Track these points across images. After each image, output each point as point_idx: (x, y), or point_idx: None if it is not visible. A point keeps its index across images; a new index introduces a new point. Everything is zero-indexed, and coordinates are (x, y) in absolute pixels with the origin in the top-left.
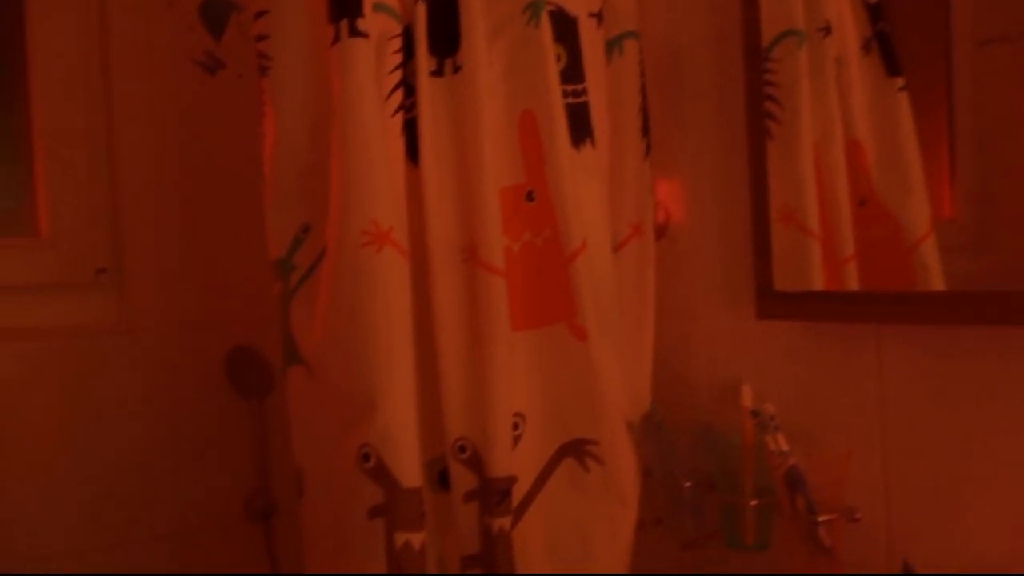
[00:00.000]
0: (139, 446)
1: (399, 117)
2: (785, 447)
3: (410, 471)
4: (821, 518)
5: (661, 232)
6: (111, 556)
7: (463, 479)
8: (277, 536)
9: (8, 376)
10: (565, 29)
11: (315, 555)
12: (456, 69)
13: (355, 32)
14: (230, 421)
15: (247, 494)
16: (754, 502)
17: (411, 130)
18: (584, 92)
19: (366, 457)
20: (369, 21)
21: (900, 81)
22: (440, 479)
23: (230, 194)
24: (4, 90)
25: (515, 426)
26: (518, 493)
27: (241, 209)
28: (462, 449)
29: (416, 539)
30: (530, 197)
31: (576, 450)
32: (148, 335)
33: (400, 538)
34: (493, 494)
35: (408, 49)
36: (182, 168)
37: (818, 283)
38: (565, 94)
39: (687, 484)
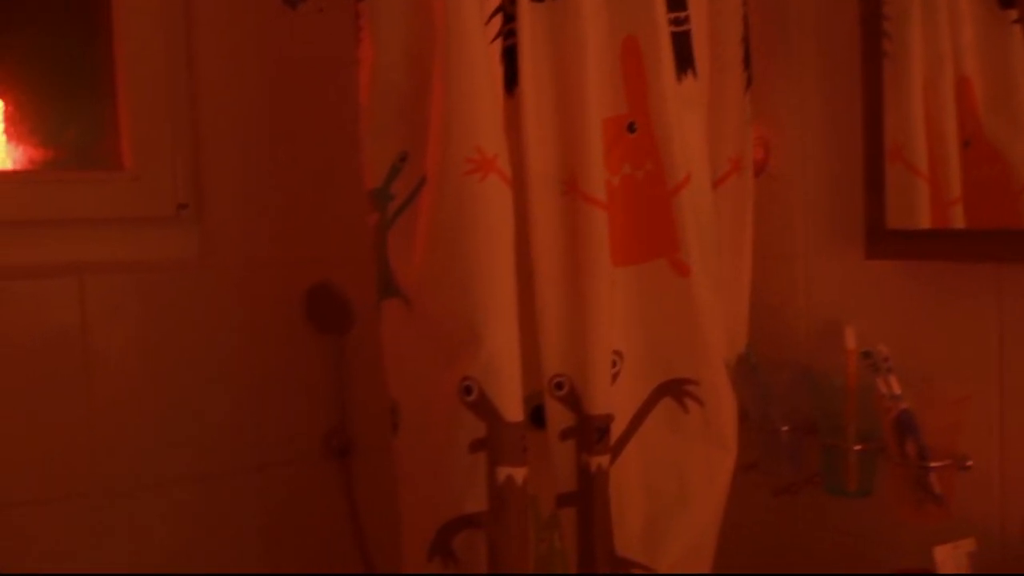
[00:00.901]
0: (220, 381)
1: (497, 44)
2: (897, 390)
3: (513, 405)
4: (933, 464)
5: (760, 168)
6: (193, 487)
7: (559, 416)
8: (354, 473)
9: (94, 309)
10: None
11: (410, 489)
12: None
13: None
14: (309, 358)
15: (325, 431)
16: (858, 447)
17: (509, 58)
18: (687, 20)
19: (468, 390)
20: None
21: (1014, 14)
22: (534, 416)
23: (312, 129)
24: (86, 24)
25: (612, 363)
26: (614, 432)
27: (323, 144)
28: (559, 386)
29: (519, 474)
30: (631, 128)
31: (675, 390)
32: (229, 271)
33: (502, 473)
34: (591, 432)
35: None
36: (264, 103)
37: (926, 225)
38: (668, 22)
39: (784, 428)
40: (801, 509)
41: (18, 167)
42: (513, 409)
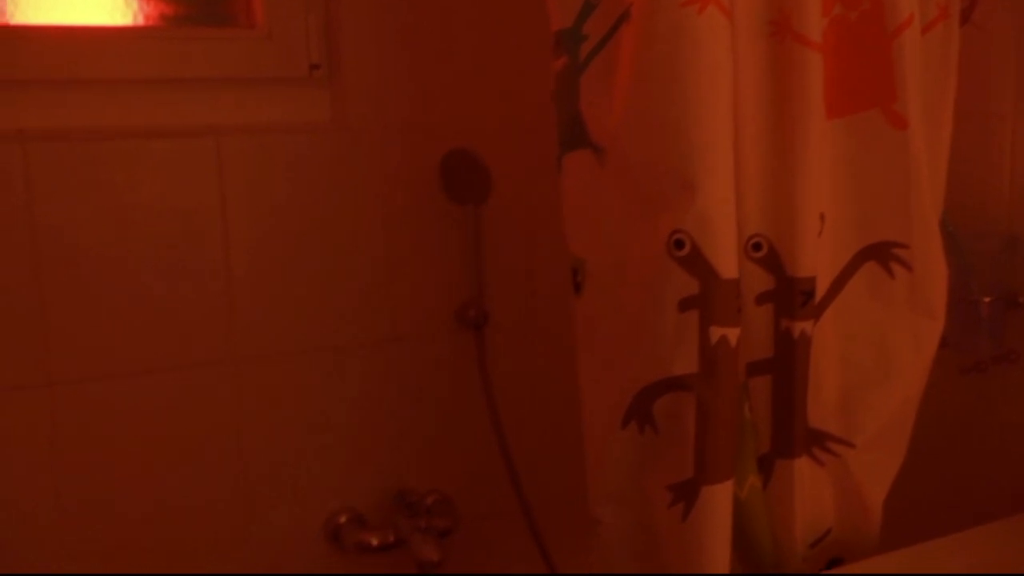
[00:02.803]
0: (354, 249)
1: None
2: None
3: (729, 260)
4: None
5: (965, 17)
6: (328, 357)
7: (757, 279)
8: (489, 346)
9: (230, 171)
10: None
11: (599, 352)
12: None
13: None
14: (445, 228)
15: (460, 303)
16: None
17: None
18: None
19: (679, 244)
20: None
21: None
22: None
23: None
24: None
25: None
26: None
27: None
28: (757, 247)
29: (732, 335)
30: None
31: (881, 254)
32: (362, 135)
33: (716, 333)
34: (796, 295)
35: None
36: None
37: None
38: None
39: (986, 299)
40: (991, 389)
41: (148, 23)
42: (728, 264)
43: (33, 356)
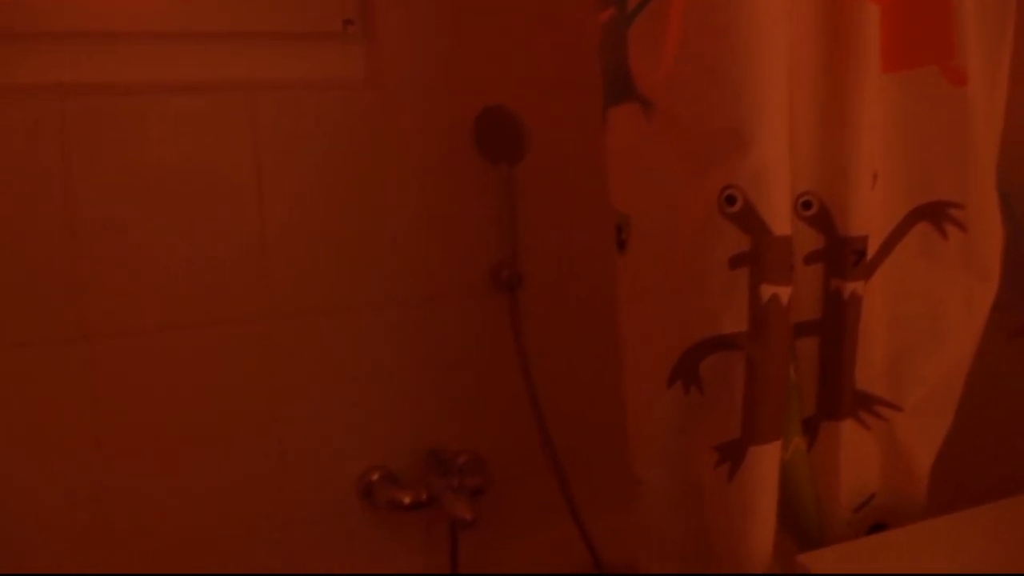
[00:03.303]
0: (387, 208)
1: None
2: None
3: (782, 216)
4: None
5: None
6: (361, 314)
7: (806, 238)
8: (522, 307)
9: (265, 127)
10: None
11: (643, 310)
12: None
13: None
14: (479, 187)
15: (494, 264)
16: None
17: None
18: None
19: (730, 200)
20: None
21: None
22: None
23: None
24: None
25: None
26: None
27: None
28: (807, 205)
29: (784, 293)
30: None
31: (934, 213)
32: (396, 92)
33: (767, 291)
34: (847, 254)
35: None
36: None
37: None
38: None
39: None
40: None
41: None
42: (781, 220)
43: (69, 310)
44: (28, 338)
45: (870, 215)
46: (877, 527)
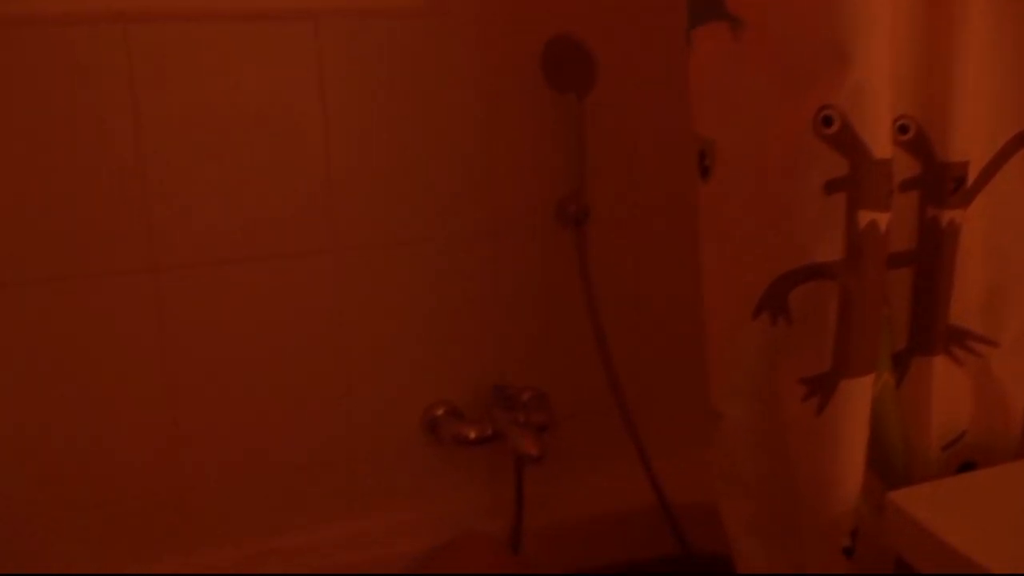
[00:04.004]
0: (452, 141)
1: None
2: None
3: (882, 138)
4: None
5: None
6: (424, 249)
7: (902, 164)
8: (589, 242)
9: (330, 57)
10: None
11: (728, 239)
12: None
13: None
14: (546, 119)
15: (561, 198)
16: None
17: None
18: None
19: (827, 121)
20: None
21: None
22: None
23: None
24: None
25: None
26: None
27: None
28: (903, 129)
29: (883, 220)
30: None
31: None
32: (461, 20)
33: (864, 217)
34: (946, 181)
35: None
36: None
37: None
38: None
39: None
40: None
41: None
42: (882, 143)
43: (138, 242)
44: (97, 269)
45: (971, 140)
46: (966, 466)
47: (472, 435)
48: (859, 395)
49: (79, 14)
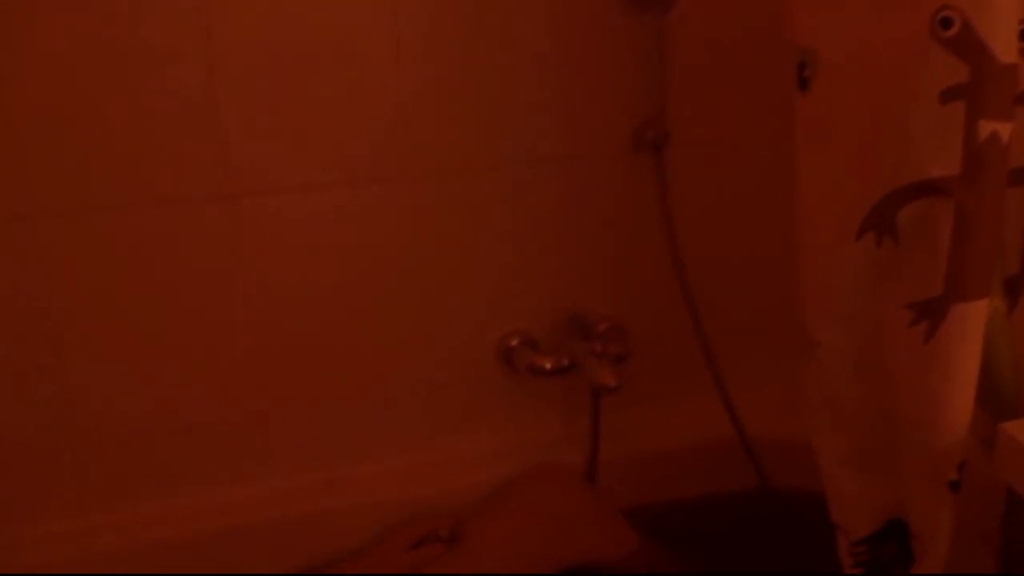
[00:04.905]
0: (526, 62)
1: None
2: None
3: (1008, 40)
4: None
5: None
6: (498, 175)
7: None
8: (668, 168)
9: None
10: None
11: (828, 155)
12: None
13: None
14: (625, 40)
15: (639, 123)
16: None
17: None
18: None
19: (946, 22)
20: None
21: None
22: None
23: None
24: None
25: None
26: None
27: None
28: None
29: (1005, 131)
30: None
31: None
32: None
33: (985, 128)
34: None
35: None
36: None
37: None
38: None
39: None
40: None
41: None
42: (1007, 46)
43: (213, 169)
44: (173, 196)
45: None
46: None
47: (548, 365)
48: (972, 321)
49: None
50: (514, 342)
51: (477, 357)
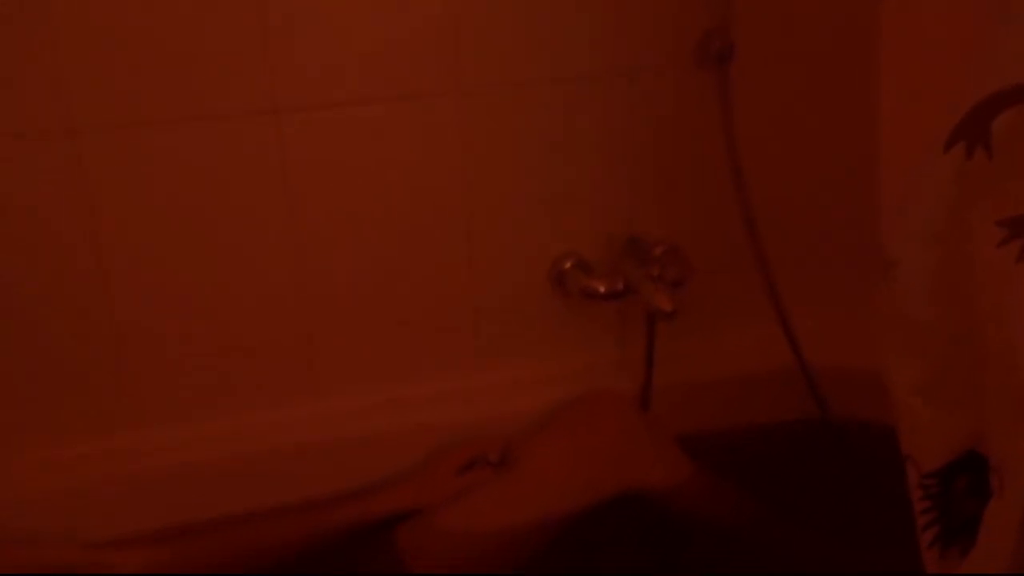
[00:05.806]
0: None
1: None
2: None
3: None
4: None
5: None
6: (557, 90)
7: None
8: (733, 82)
9: None
10: None
11: (912, 64)
12: None
13: None
14: None
15: (703, 34)
16: None
17: None
18: None
19: None
20: None
21: None
22: None
23: None
24: None
25: None
26: None
27: None
28: None
29: None
30: None
31: None
32: None
33: None
34: None
35: None
36: None
37: None
38: None
39: None
40: None
41: None
42: None
43: (258, 82)
44: (219, 111)
45: None
46: None
47: (602, 289)
48: None
49: None
50: (567, 264)
51: (529, 279)
